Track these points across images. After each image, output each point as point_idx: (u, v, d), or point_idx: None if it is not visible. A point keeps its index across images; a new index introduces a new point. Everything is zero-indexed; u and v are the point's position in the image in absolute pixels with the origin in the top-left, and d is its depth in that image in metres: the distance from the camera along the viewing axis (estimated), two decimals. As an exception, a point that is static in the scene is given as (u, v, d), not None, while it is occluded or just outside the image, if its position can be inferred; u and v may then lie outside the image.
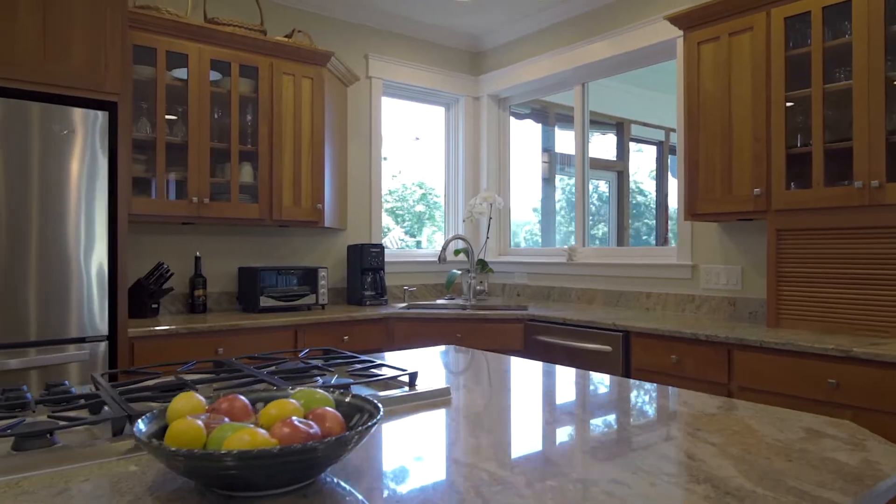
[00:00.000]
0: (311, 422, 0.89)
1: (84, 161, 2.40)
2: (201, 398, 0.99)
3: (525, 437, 1.11)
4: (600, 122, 5.06)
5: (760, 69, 2.62)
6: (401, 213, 4.71)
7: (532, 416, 1.26)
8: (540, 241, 4.99)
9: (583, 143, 4.05)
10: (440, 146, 4.65)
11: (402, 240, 4.65)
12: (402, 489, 0.87)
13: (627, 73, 3.79)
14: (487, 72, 4.53)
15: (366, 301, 3.72)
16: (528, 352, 3.27)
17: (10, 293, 2.25)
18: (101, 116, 2.44)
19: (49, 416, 1.12)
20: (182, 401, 0.96)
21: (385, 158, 4.53)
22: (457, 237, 3.87)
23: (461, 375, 1.68)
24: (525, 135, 4.99)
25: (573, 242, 4.02)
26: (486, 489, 0.87)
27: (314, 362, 1.63)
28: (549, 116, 5.22)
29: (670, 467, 0.95)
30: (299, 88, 3.39)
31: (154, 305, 3.05)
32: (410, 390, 1.41)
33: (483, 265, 4.11)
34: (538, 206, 5.10)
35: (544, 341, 3.18)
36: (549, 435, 1.13)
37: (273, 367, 1.57)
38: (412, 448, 1.05)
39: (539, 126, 5.31)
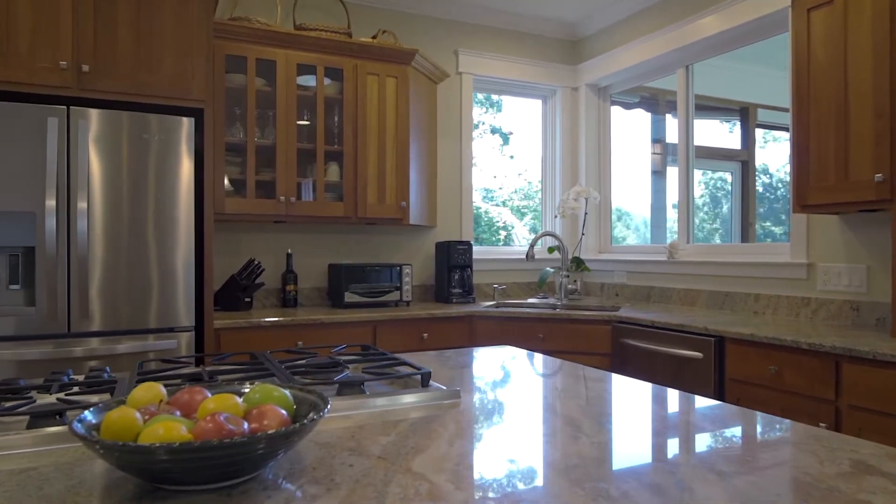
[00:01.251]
0: (240, 419, 0.86)
1: (173, 164, 2.59)
2: (163, 389, 1.00)
3: (502, 451, 1.01)
4: (720, 108, 4.64)
5: (884, 33, 2.23)
6: (526, 210, 4.62)
7: (531, 428, 1.15)
8: (649, 237, 4.67)
9: (686, 131, 3.74)
10: (533, 140, 4.51)
11: (525, 237, 4.56)
12: (334, 491, 0.81)
13: (752, 53, 3.42)
14: (585, 60, 4.31)
15: (452, 299, 3.69)
16: (616, 356, 3.06)
17: (108, 285, 2.48)
18: (186, 122, 2.62)
19: (58, 399, 1.19)
20: (142, 391, 0.98)
21: (511, 157, 4.46)
22: (546, 234, 3.72)
23: (481, 378, 1.58)
24: (634, 125, 4.70)
25: (676, 238, 3.71)
26: (412, 501, 0.79)
27: (341, 358, 1.61)
28: (658, 104, 4.88)
29: (642, 496, 0.81)
30: (384, 88, 3.43)
31: (247, 299, 3.24)
32: (424, 389, 1.35)
33: (578, 263, 3.92)
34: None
35: (632, 345, 2.96)
36: (525, 449, 1.01)
37: (303, 362, 1.57)
38: (377, 450, 0.99)
39: (648, 115, 4.98)
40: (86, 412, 0.90)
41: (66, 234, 2.42)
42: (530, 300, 3.90)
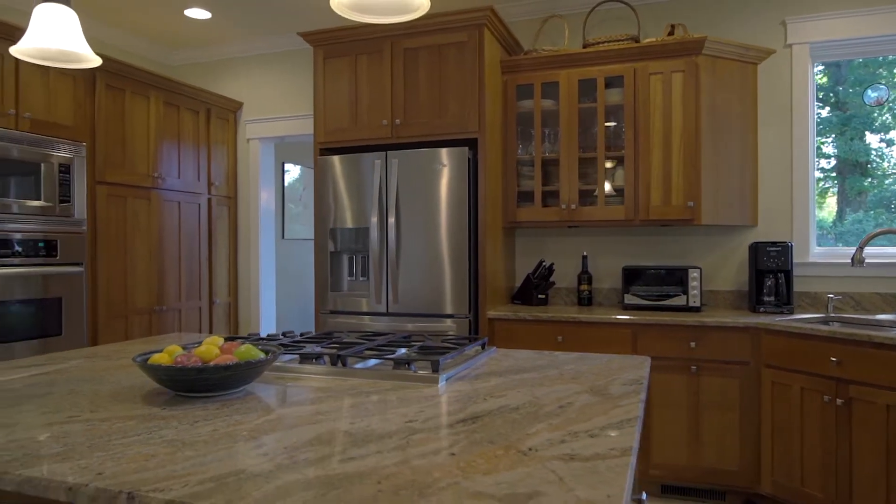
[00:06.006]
0: (197, 359, 1.45)
1: (454, 184, 3.28)
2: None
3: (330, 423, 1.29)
4: None
5: None
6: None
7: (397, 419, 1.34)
8: None
9: None
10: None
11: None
12: (225, 408, 1.32)
13: None
14: None
15: (761, 308, 3.25)
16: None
17: (407, 280, 3.36)
18: (463, 151, 3.27)
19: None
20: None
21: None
22: (887, 231, 2.86)
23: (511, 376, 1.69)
24: None
25: None
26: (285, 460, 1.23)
27: (414, 343, 1.98)
28: None
29: None
30: (668, 85, 3.33)
31: (541, 296, 3.68)
32: (433, 372, 1.64)
33: (969, 270, 2.86)
34: None
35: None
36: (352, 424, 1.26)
37: (387, 340, 2.02)
38: (297, 399, 1.42)
39: None
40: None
41: (386, 242, 3.40)
42: (881, 316, 3.05)
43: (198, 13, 4.07)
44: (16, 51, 1.64)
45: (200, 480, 0.91)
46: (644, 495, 1.15)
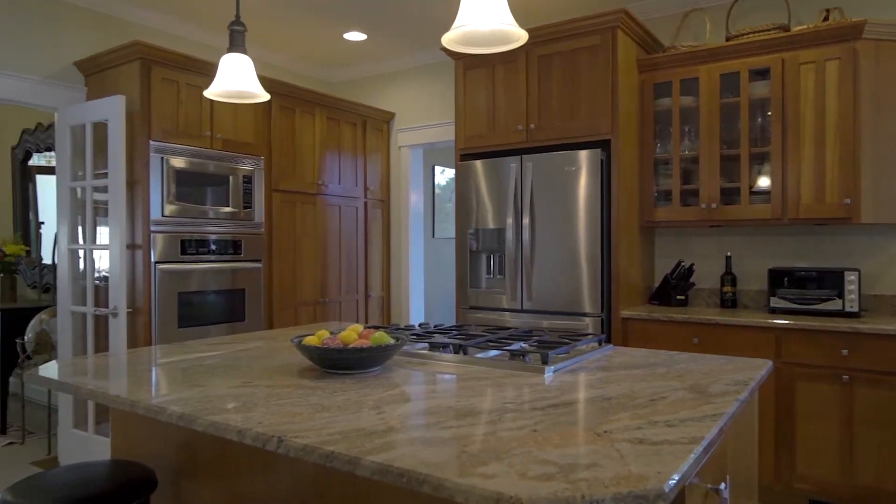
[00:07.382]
0: (339, 342, 1.73)
1: (587, 185, 3.36)
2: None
3: (446, 398, 1.49)
4: None
5: None
6: None
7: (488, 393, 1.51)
8: None
9: None
10: None
11: None
12: (365, 381, 1.60)
13: None
14: None
15: (933, 315, 2.94)
16: None
17: (540, 278, 3.49)
18: (594, 153, 3.34)
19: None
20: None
21: None
22: None
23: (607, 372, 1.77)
24: None
25: None
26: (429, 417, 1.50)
27: (533, 338, 2.12)
28: None
29: (421, 423, 1.25)
30: (822, 75, 3.12)
31: (680, 297, 3.62)
32: (542, 363, 1.80)
33: None
34: None
35: None
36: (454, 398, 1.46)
37: (509, 334, 2.19)
38: (438, 380, 1.66)
39: None
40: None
41: (521, 242, 3.57)
42: None
43: (355, 35, 4.54)
44: (208, 93, 2.07)
45: (330, 433, 1.17)
46: (723, 485, 1.22)
